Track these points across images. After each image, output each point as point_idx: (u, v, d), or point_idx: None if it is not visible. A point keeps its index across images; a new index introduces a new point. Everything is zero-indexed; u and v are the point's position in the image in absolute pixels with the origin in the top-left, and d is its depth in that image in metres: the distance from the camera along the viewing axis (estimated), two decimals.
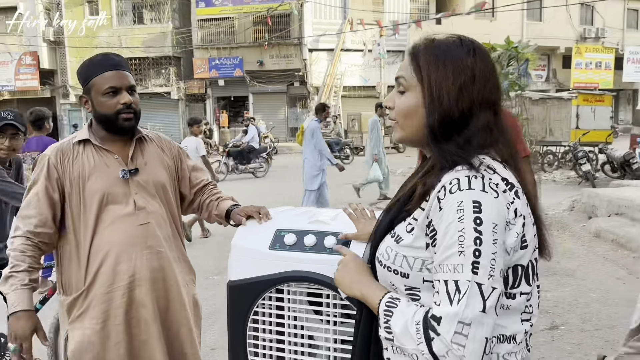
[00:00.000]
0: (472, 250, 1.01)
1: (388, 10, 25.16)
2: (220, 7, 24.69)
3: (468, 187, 1.05)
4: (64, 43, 25.86)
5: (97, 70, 1.93)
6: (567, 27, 28.67)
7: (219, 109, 25.97)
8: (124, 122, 1.95)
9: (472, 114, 1.12)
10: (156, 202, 2.04)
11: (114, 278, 1.92)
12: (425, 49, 1.17)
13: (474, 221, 1.02)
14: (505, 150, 1.15)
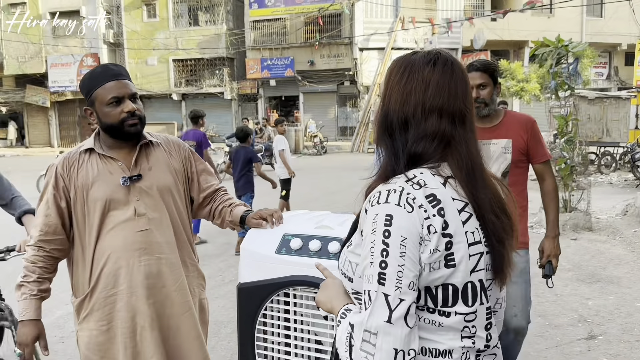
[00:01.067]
0: (379, 261, 1.04)
1: (441, 8, 24.73)
2: (272, 8, 25.00)
3: (385, 200, 1.07)
4: (124, 45, 26.88)
5: (98, 82, 1.97)
6: (629, 23, 27.21)
7: (270, 108, 26.31)
8: (130, 128, 1.99)
9: (414, 120, 1.14)
10: (159, 208, 2.06)
11: (114, 282, 1.98)
12: (396, 60, 1.22)
13: (383, 234, 1.05)
14: (454, 164, 1.13)
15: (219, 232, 7.35)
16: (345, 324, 1.11)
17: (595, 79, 27.32)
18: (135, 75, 26.99)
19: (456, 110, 1.15)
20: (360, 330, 1.04)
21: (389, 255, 1.04)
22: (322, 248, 1.91)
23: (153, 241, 2.02)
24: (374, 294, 1.03)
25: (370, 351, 1.02)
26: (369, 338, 1.02)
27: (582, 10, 26.04)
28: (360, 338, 1.03)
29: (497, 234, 1.14)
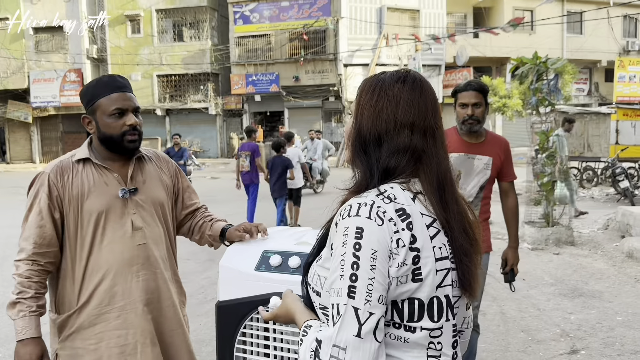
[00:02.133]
0: (349, 274, 1.03)
1: (424, 25, 25.07)
2: (257, 24, 25.13)
3: (356, 213, 1.07)
4: (107, 60, 26.78)
5: (103, 92, 1.93)
6: (609, 40, 27.88)
7: (255, 123, 26.32)
8: (129, 144, 1.95)
9: (387, 136, 1.15)
10: (154, 222, 2.03)
11: (109, 299, 1.91)
12: (366, 79, 1.25)
13: (354, 246, 1.04)
14: (425, 178, 1.15)
15: (201, 249, 7.27)
16: (308, 341, 1.09)
17: (576, 94, 27.79)
18: None
19: (427, 125, 1.17)
20: (328, 346, 1.01)
21: (360, 268, 1.03)
22: (301, 265, 1.89)
23: (150, 255, 1.99)
24: (343, 308, 1.02)
25: None
26: (337, 354, 1.00)
27: (562, 28, 26.59)
28: (328, 354, 1.01)
29: (464, 249, 1.15)
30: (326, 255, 1.16)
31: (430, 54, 24.66)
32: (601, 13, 24.62)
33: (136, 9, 26.33)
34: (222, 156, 26.85)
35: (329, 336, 1.02)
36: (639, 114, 14.20)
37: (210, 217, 2.23)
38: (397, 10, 24.78)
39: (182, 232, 2.27)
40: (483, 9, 27.37)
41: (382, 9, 24.47)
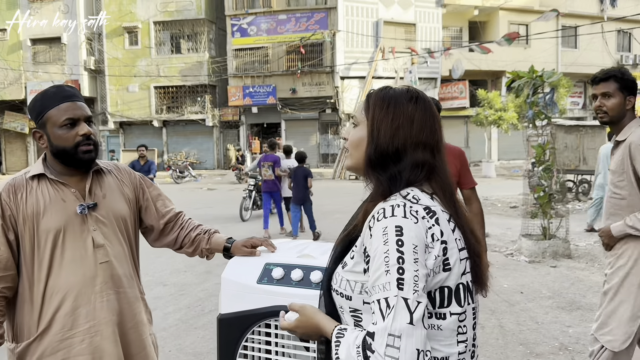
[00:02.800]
0: (396, 268, 1.12)
1: (420, 39, 25.28)
2: (255, 37, 25.28)
3: (392, 214, 1.17)
4: (104, 72, 26.85)
5: (52, 103, 1.81)
6: (603, 54, 28.16)
7: (252, 135, 26.39)
8: (84, 155, 1.83)
9: (405, 152, 1.27)
10: (116, 238, 1.91)
11: (72, 323, 1.78)
12: (377, 94, 1.34)
13: (397, 243, 1.13)
14: (438, 185, 1.28)
15: (199, 262, 7.26)
16: (350, 340, 1.16)
17: (571, 108, 28.01)
18: (116, 101, 26.96)
19: (434, 142, 1.30)
20: (383, 336, 1.08)
21: (405, 262, 1.12)
22: (304, 277, 1.88)
23: (114, 274, 1.87)
24: (394, 299, 1.10)
25: (394, 355, 1.06)
26: (393, 342, 1.07)
27: (557, 42, 26.83)
28: (384, 343, 1.07)
29: (475, 250, 1.28)
30: (356, 260, 1.24)
31: (426, 67, 24.88)
32: (595, 28, 24.91)
33: (134, 21, 26.46)
34: (219, 167, 26.86)
35: (384, 327, 1.08)
36: None
37: (205, 230, 2.16)
38: (393, 24, 25.01)
39: (167, 243, 2.16)
40: (478, 23, 27.63)
41: (378, 22, 24.69)
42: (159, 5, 26.18)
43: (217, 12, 26.88)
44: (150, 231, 2.14)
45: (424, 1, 25.55)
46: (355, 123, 1.37)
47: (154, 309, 5.16)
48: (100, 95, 27.56)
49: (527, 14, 26.47)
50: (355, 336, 1.15)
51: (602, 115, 2.85)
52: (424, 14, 25.66)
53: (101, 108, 27.54)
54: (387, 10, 24.95)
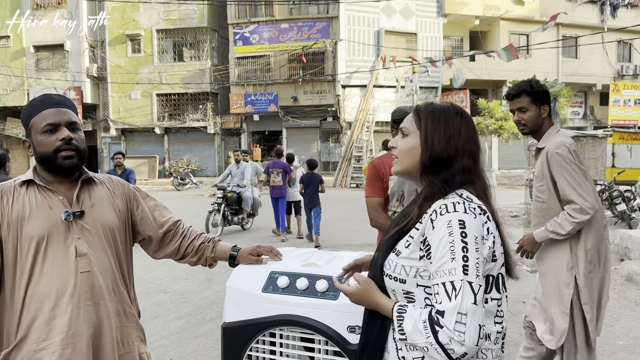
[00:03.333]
0: (461, 256, 1.31)
1: (421, 48, 25.36)
2: (257, 45, 25.38)
3: (454, 210, 1.37)
4: (107, 79, 26.94)
5: (35, 110, 1.81)
6: (603, 64, 28.23)
7: (253, 143, 26.42)
8: (64, 161, 1.79)
9: (455, 159, 1.47)
10: (102, 248, 1.85)
11: (47, 333, 1.72)
12: (426, 107, 1.55)
13: (461, 234, 1.33)
14: (480, 188, 1.49)
15: (200, 269, 7.25)
16: (414, 316, 1.34)
17: (572, 117, 28.04)
18: (118, 108, 27.02)
19: (476, 151, 1.51)
20: (453, 314, 1.27)
21: (469, 251, 1.32)
22: (309, 286, 1.88)
23: (96, 285, 1.80)
24: (459, 283, 1.30)
25: (461, 330, 1.26)
26: (461, 319, 1.27)
27: (557, 52, 26.92)
28: (453, 320, 1.27)
29: (506, 242, 1.48)
30: (412, 249, 1.42)
31: (427, 76, 24.93)
32: (596, 38, 24.99)
33: (137, 29, 26.57)
34: (220, 174, 26.86)
35: (453, 306, 1.28)
36: (635, 137, 14.34)
37: (209, 239, 2.15)
38: (394, 34, 25.10)
39: (167, 254, 2.12)
40: (479, 33, 27.72)
41: (380, 32, 24.78)
42: (162, 14, 26.30)
43: (220, 20, 27.00)
44: (149, 242, 2.10)
45: (425, 11, 25.65)
46: (405, 133, 1.55)
47: (155, 316, 5.17)
48: (103, 102, 27.63)
49: (527, 24, 26.55)
50: (419, 313, 1.34)
51: (522, 127, 3.07)
52: (425, 24, 25.76)
53: (103, 115, 27.59)
54: (389, 19, 25.05)
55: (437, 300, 1.32)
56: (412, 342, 1.34)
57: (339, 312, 1.81)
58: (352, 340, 1.79)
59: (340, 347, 1.80)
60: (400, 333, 1.37)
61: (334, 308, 1.82)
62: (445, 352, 1.27)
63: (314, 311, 1.84)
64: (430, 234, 1.37)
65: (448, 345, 1.27)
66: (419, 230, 1.42)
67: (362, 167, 22.15)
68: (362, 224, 11.58)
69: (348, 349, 1.78)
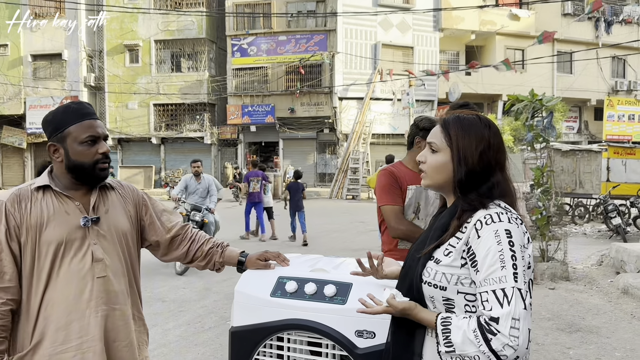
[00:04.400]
0: (511, 264, 1.36)
1: (417, 62, 25.56)
2: (255, 57, 25.52)
3: (499, 220, 1.42)
4: (104, 88, 26.98)
5: (74, 119, 1.84)
6: (598, 80, 28.52)
7: (250, 153, 26.46)
8: (100, 172, 1.87)
9: (489, 172, 1.51)
10: (116, 253, 1.90)
11: (64, 337, 1.75)
12: (454, 122, 1.56)
13: (509, 243, 1.38)
14: (511, 199, 1.53)
15: (197, 277, 7.25)
16: (462, 326, 1.37)
17: (566, 132, 28.26)
18: (114, 118, 27.05)
19: (505, 162, 1.55)
20: (507, 320, 1.31)
21: (517, 259, 1.37)
22: (317, 291, 1.91)
23: (111, 290, 1.84)
24: (510, 290, 1.34)
25: (515, 335, 1.30)
26: (515, 324, 1.31)
27: (552, 67, 27.18)
28: (508, 326, 1.31)
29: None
30: (454, 257, 1.46)
31: (423, 89, 25.12)
32: (590, 54, 25.25)
33: (135, 39, 26.67)
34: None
35: (508, 312, 1.32)
36: (629, 152, 14.46)
37: (217, 243, 2.18)
38: (391, 47, 25.30)
39: (175, 257, 2.16)
40: (475, 47, 27.98)
41: (377, 45, 24.97)
42: (161, 25, 26.44)
43: (218, 32, 27.16)
44: (156, 247, 2.13)
45: (422, 25, 25.89)
46: (434, 149, 1.56)
47: (154, 325, 5.16)
48: (100, 112, 27.62)
49: (523, 39, 26.84)
50: (466, 323, 1.37)
51: None
52: (422, 38, 25.99)
53: None
54: (386, 33, 25.26)
55: (485, 307, 1.36)
56: (462, 352, 1.35)
57: (347, 316, 1.83)
58: (359, 344, 1.81)
59: (348, 351, 1.82)
60: (447, 345, 1.38)
61: (342, 312, 1.85)
62: (497, 359, 1.30)
63: (323, 315, 1.87)
64: (475, 244, 1.42)
65: (501, 352, 1.30)
66: (460, 239, 1.46)
67: (359, 179, 22.21)
68: (359, 235, 11.62)
69: (355, 352, 1.81)
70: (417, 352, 1.54)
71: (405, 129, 24.24)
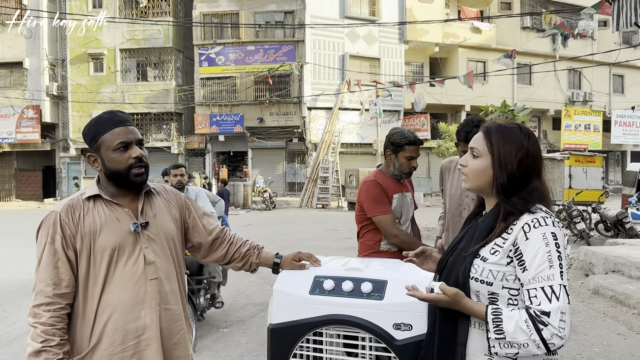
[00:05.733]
0: (558, 264, 1.52)
1: (384, 73, 26.06)
2: (222, 66, 25.50)
3: (545, 224, 1.56)
4: (67, 98, 26.43)
5: (105, 128, 1.91)
6: (556, 91, 29.70)
7: (218, 163, 26.34)
8: (136, 178, 1.93)
9: (528, 178, 1.65)
10: (165, 256, 1.99)
11: (122, 338, 1.84)
12: (496, 130, 1.69)
13: (555, 245, 1.54)
14: (548, 203, 1.66)
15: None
16: (514, 316, 1.51)
17: None
18: (78, 128, 26.46)
19: (541, 169, 1.69)
20: (557, 313, 1.47)
21: (562, 259, 1.53)
22: (354, 288, 2.03)
23: (162, 290, 1.94)
24: (558, 287, 1.50)
25: (562, 326, 1.47)
26: (562, 317, 1.47)
27: (513, 79, 28.13)
28: (558, 319, 1.46)
29: None
30: (500, 256, 1.60)
31: (390, 100, 25.62)
32: (548, 66, 26.32)
33: (100, 48, 26.26)
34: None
35: (558, 307, 1.48)
36: (589, 160, 15.13)
37: (254, 246, 2.29)
38: (358, 58, 25.73)
39: (216, 259, 2.25)
40: (439, 59, 28.73)
41: (344, 56, 25.35)
42: (126, 33, 26.13)
43: (185, 41, 27.03)
44: (198, 249, 2.21)
45: (387, 37, 26.43)
46: (476, 155, 1.70)
47: None
48: (62, 122, 27.04)
49: (485, 51, 27.77)
50: (517, 314, 1.51)
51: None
52: (388, 50, 26.53)
53: (62, 134, 26.98)
54: (353, 44, 25.68)
55: (533, 302, 1.51)
56: (513, 339, 1.50)
57: (385, 311, 1.97)
58: (397, 337, 1.95)
59: (387, 343, 1.96)
60: (498, 333, 1.52)
61: (380, 307, 1.99)
62: (545, 346, 1.47)
63: (361, 310, 2.00)
64: (523, 245, 1.56)
65: (550, 340, 1.46)
66: (507, 240, 1.60)
67: (329, 188, 22.43)
68: (336, 242, 11.77)
69: (394, 344, 1.95)
70: (460, 342, 1.66)
71: (374, 138, 24.68)
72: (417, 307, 1.89)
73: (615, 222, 11.69)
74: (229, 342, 4.95)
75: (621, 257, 7.24)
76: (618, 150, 32.54)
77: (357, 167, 21.41)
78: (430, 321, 1.79)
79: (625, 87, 32.50)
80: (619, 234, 11.60)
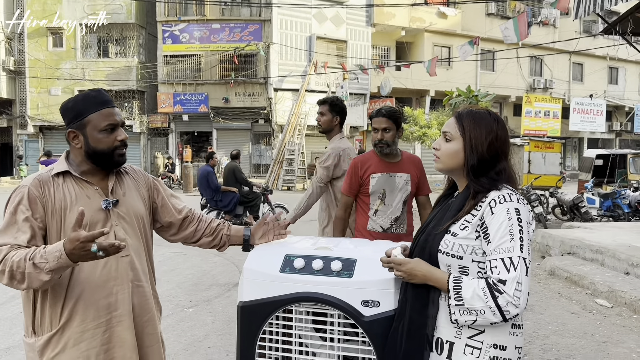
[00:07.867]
0: (518, 237, 1.61)
1: (351, 55, 26.03)
2: (187, 44, 24.97)
3: (510, 200, 1.67)
4: (25, 73, 25.49)
5: (93, 107, 1.91)
6: (517, 78, 30.32)
7: (182, 143, 25.96)
8: (119, 158, 1.96)
9: (497, 160, 1.75)
10: (135, 234, 2.01)
11: (94, 313, 1.85)
12: (467, 115, 1.80)
13: (517, 220, 1.63)
14: (515, 183, 1.78)
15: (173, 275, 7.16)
16: (473, 284, 1.61)
17: None
18: (36, 104, 25.67)
19: (508, 152, 1.81)
20: (513, 283, 1.57)
21: (523, 233, 1.63)
22: (324, 267, 2.07)
23: (133, 268, 1.97)
24: (517, 258, 1.59)
25: (518, 295, 1.57)
26: (518, 287, 1.57)
27: (476, 65, 28.54)
28: (513, 288, 1.56)
29: None
30: (469, 231, 1.70)
31: (356, 83, 25.65)
32: (511, 53, 26.75)
33: (59, 22, 25.33)
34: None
35: (514, 277, 1.58)
36: (548, 146, 15.57)
37: (224, 221, 2.35)
38: (326, 40, 25.59)
39: (183, 237, 2.27)
40: (405, 43, 28.86)
41: (311, 37, 25.18)
42: (87, 8, 25.27)
43: (148, 17, 26.32)
44: (167, 228, 2.24)
45: (355, 20, 26.36)
46: (449, 138, 1.80)
47: None
48: (20, 98, 26.10)
49: (450, 36, 28.03)
50: (476, 282, 1.62)
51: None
52: (355, 32, 26.47)
53: (20, 111, 26.07)
54: (320, 26, 25.51)
55: (493, 272, 1.61)
56: (470, 306, 1.60)
57: (354, 288, 2.02)
58: (365, 313, 2.00)
59: (355, 320, 2.01)
60: (457, 300, 1.62)
61: (349, 285, 2.03)
62: (501, 314, 1.56)
63: (331, 288, 2.04)
64: (489, 219, 1.66)
65: (505, 308, 1.55)
66: (475, 216, 1.70)
67: (294, 170, 22.44)
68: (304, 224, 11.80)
69: (362, 320, 2.00)
70: (431, 315, 1.75)
71: None
72: (385, 284, 1.95)
73: (571, 207, 12.12)
74: (195, 322, 4.95)
75: (576, 240, 7.54)
76: (576, 137, 33.57)
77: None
78: (401, 296, 1.86)
79: (585, 75, 33.42)
80: (575, 217, 12.04)
